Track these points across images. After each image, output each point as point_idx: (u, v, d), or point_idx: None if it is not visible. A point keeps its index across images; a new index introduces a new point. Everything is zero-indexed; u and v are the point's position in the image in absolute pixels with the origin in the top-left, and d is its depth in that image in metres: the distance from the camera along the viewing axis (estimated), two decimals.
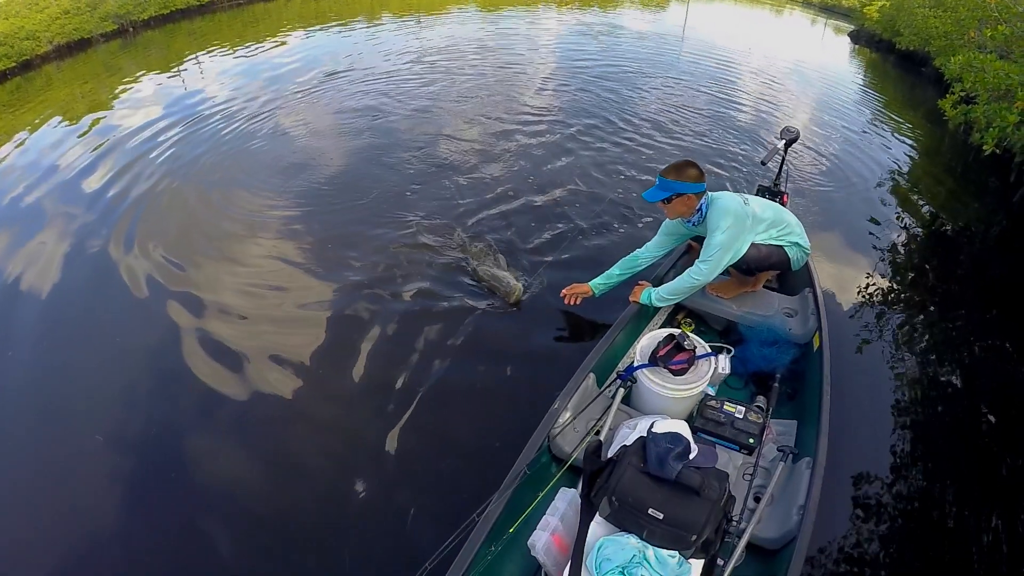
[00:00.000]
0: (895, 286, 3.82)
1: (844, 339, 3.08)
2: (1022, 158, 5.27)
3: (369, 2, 14.75)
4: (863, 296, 3.62)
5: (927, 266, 4.23)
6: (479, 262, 3.52)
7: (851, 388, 2.75)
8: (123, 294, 3.42)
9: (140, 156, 5.26)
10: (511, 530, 1.66)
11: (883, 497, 2.34)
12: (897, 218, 4.81)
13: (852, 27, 13.72)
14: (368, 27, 11.13)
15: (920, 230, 4.72)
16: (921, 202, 5.25)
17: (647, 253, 2.74)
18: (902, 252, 4.31)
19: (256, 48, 9.35)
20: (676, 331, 2.13)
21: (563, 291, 2.91)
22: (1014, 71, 5.11)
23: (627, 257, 2.78)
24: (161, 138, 5.64)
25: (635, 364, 2.11)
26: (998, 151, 4.99)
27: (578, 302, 2.88)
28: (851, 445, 2.50)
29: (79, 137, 5.82)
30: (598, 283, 2.83)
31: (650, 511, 1.49)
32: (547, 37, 10.73)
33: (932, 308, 3.70)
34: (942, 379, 3.07)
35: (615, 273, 2.80)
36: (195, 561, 2.05)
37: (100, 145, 5.55)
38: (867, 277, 3.83)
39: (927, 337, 3.38)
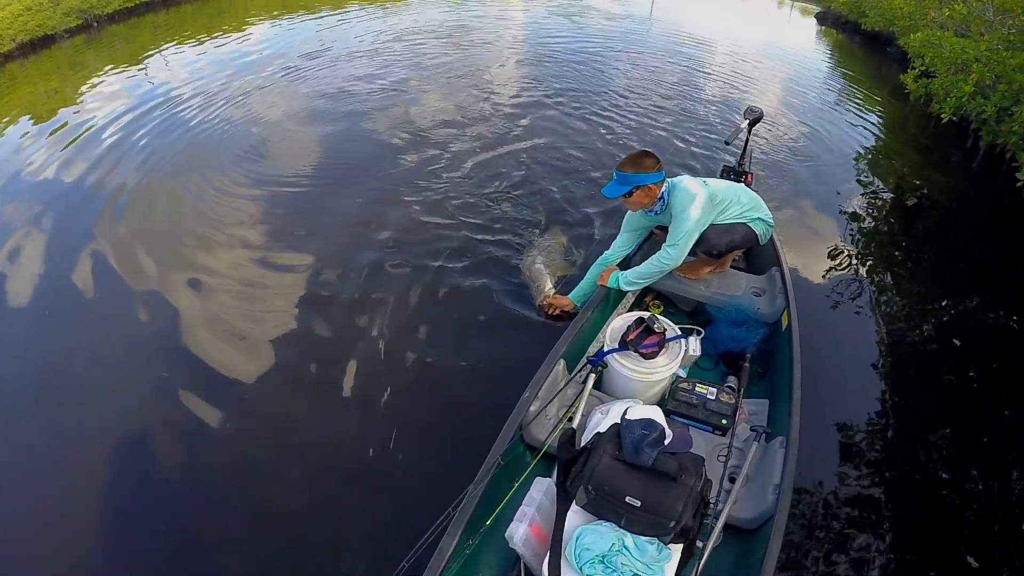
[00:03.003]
0: (863, 259, 3.90)
1: (813, 315, 3.13)
2: (978, 125, 5.55)
3: None
4: (831, 271, 3.68)
5: (894, 236, 4.33)
6: (536, 254, 3.47)
7: (822, 364, 2.80)
8: (96, 292, 3.32)
9: (108, 152, 5.07)
10: (488, 522, 1.64)
11: (858, 471, 2.39)
12: (864, 191, 4.93)
13: (819, 9, 13.86)
14: (336, 15, 10.92)
15: (887, 200, 4.85)
16: (887, 173, 5.40)
17: (616, 253, 2.75)
18: (869, 224, 4.41)
19: (223, 40, 9.11)
20: (646, 314, 2.13)
21: (546, 301, 2.97)
22: (969, 46, 5.45)
23: (596, 262, 2.79)
24: (129, 133, 5.45)
25: (605, 349, 2.11)
26: (955, 119, 5.39)
27: (557, 312, 2.94)
28: (824, 421, 2.55)
29: (46, 135, 5.59)
30: (576, 295, 2.88)
31: (627, 499, 1.49)
32: (518, 20, 10.68)
33: (900, 278, 3.79)
34: (911, 348, 3.15)
35: (590, 280, 2.81)
36: (179, 563, 2.02)
37: (67, 143, 5.34)
38: (835, 252, 3.90)
39: (895, 307, 3.46)
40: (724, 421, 2.02)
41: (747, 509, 1.77)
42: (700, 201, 2.39)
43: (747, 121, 3.16)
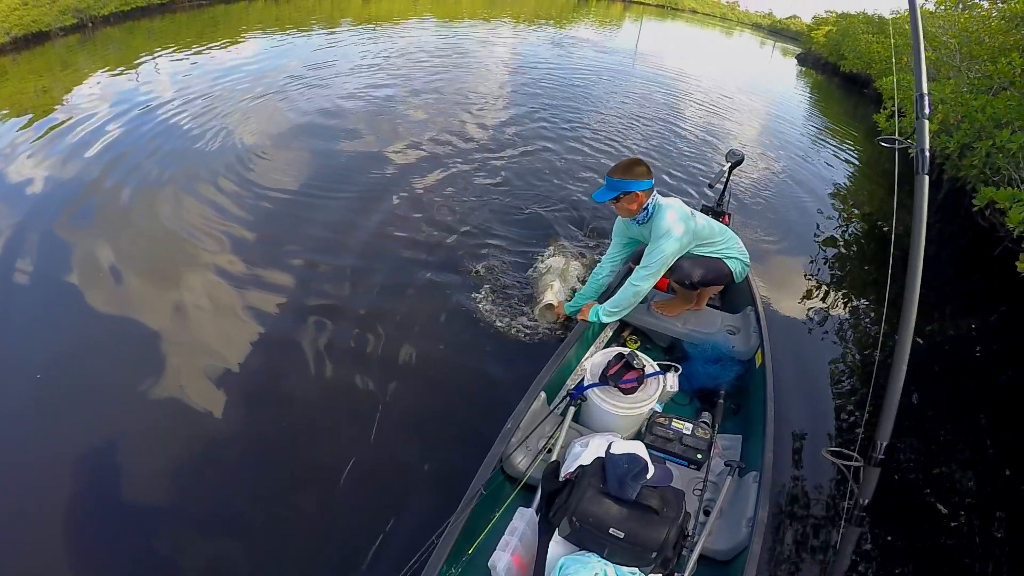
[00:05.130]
0: (835, 291, 4.06)
1: (786, 353, 3.22)
2: (942, 160, 6.05)
3: (329, 10, 14.72)
4: (805, 309, 3.81)
5: (866, 266, 4.55)
6: (544, 270, 3.54)
7: (794, 401, 2.90)
8: (61, 300, 3.25)
9: (90, 156, 5.04)
10: (470, 551, 1.68)
11: (829, 503, 2.45)
12: (839, 225, 5.17)
13: (800, 50, 14.39)
14: (327, 33, 11.09)
15: (859, 233, 5.13)
16: (860, 207, 5.71)
17: (607, 261, 2.82)
18: (843, 256, 4.61)
19: (216, 50, 9.22)
20: (626, 350, 2.20)
21: (556, 310, 3.06)
22: (936, 89, 5.85)
23: (592, 273, 2.88)
24: (113, 139, 5.44)
25: (585, 383, 2.17)
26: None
27: (561, 320, 3.06)
28: (795, 455, 2.63)
29: (30, 134, 5.54)
30: (570, 305, 2.95)
31: (611, 531, 1.55)
32: (509, 46, 10.91)
33: (870, 307, 3.95)
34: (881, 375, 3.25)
35: (584, 292, 2.90)
36: None
37: (49, 143, 5.31)
38: (809, 286, 4.04)
39: (865, 336, 3.60)
40: (699, 456, 2.08)
41: (721, 541, 1.83)
42: (681, 230, 2.43)
43: (728, 164, 3.28)
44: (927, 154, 1.33)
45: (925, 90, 1.40)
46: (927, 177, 1.34)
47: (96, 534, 2.14)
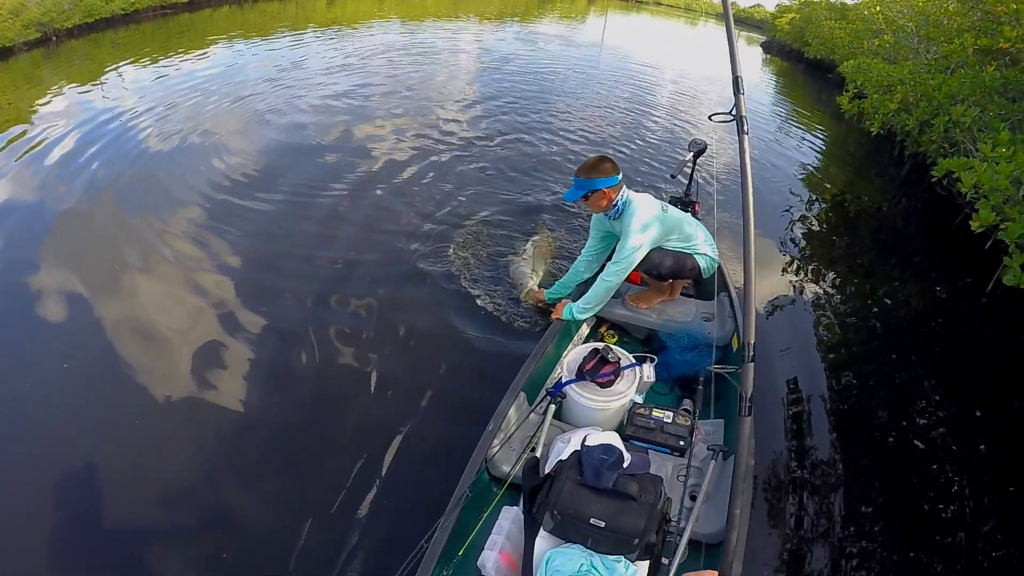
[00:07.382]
0: (809, 274, 4.14)
1: (762, 335, 3.28)
2: (903, 138, 6.35)
3: (294, 14, 14.56)
4: (779, 291, 3.87)
5: (836, 242, 4.69)
6: (521, 257, 3.58)
7: (772, 382, 2.96)
8: (29, 322, 3.16)
9: (57, 172, 4.94)
10: (460, 552, 1.70)
11: (809, 482, 2.52)
12: (809, 205, 5.33)
13: (764, 38, 14.62)
14: (293, 37, 10.99)
15: (829, 211, 5.30)
16: (829, 187, 5.91)
17: (585, 255, 2.87)
18: (814, 239, 4.72)
19: (181, 60, 9.07)
20: (600, 345, 2.23)
21: (535, 296, 3.17)
22: (894, 71, 6.17)
23: (571, 268, 2.93)
24: (80, 153, 5.32)
25: (563, 380, 2.19)
26: (883, 132, 6.27)
27: (542, 305, 3.13)
28: (776, 436, 2.69)
29: None
30: (549, 293, 3.05)
31: (592, 521, 1.56)
32: (475, 43, 10.91)
33: (841, 281, 4.06)
34: (856, 359, 3.34)
35: (563, 283, 2.97)
36: None
37: (16, 159, 5.20)
38: (782, 272, 4.12)
39: (838, 310, 3.70)
40: (682, 442, 2.11)
41: (709, 525, 1.86)
42: (651, 224, 2.47)
43: (692, 153, 3.31)
44: (744, 121, 1.72)
45: (740, 73, 1.76)
46: (747, 136, 1.69)
47: (93, 535, 2.14)
